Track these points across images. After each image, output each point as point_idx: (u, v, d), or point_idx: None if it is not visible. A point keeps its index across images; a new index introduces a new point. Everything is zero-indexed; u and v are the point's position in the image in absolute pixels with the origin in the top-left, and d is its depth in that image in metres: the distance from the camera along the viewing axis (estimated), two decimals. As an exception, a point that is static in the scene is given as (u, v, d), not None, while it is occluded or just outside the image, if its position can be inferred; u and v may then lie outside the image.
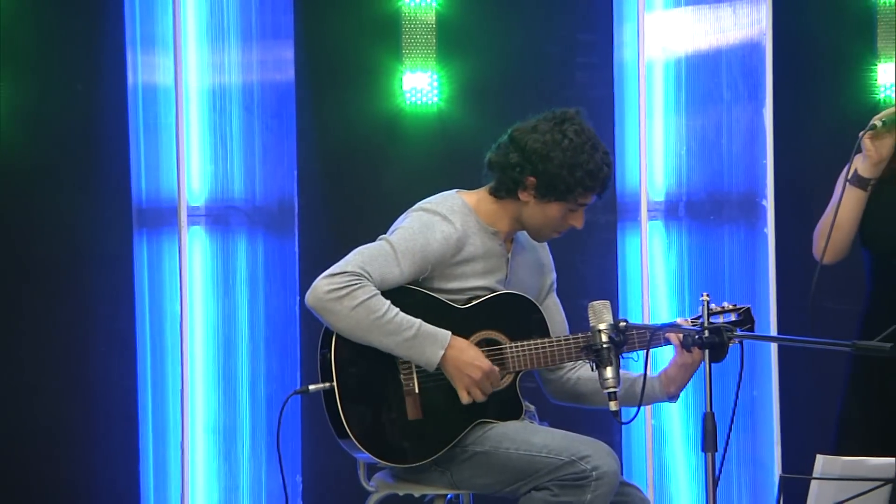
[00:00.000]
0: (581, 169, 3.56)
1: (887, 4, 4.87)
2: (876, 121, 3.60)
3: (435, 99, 4.92)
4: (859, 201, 3.62)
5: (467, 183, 3.79)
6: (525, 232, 3.72)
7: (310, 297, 3.55)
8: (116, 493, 4.69)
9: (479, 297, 3.65)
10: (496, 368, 3.58)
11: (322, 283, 3.53)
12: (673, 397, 3.71)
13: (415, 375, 3.60)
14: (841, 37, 4.94)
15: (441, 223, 3.62)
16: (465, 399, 3.57)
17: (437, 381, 3.60)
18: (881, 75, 4.87)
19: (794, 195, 4.88)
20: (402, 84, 4.91)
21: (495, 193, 3.65)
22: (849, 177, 3.64)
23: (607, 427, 4.43)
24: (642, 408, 3.76)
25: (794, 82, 4.93)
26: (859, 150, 3.66)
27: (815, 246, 3.72)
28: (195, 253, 4.82)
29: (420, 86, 4.91)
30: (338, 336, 3.58)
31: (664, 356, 4.84)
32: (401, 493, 3.69)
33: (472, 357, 3.56)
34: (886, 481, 2.99)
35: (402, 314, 3.54)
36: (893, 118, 3.61)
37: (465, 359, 3.55)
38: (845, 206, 3.62)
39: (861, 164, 3.62)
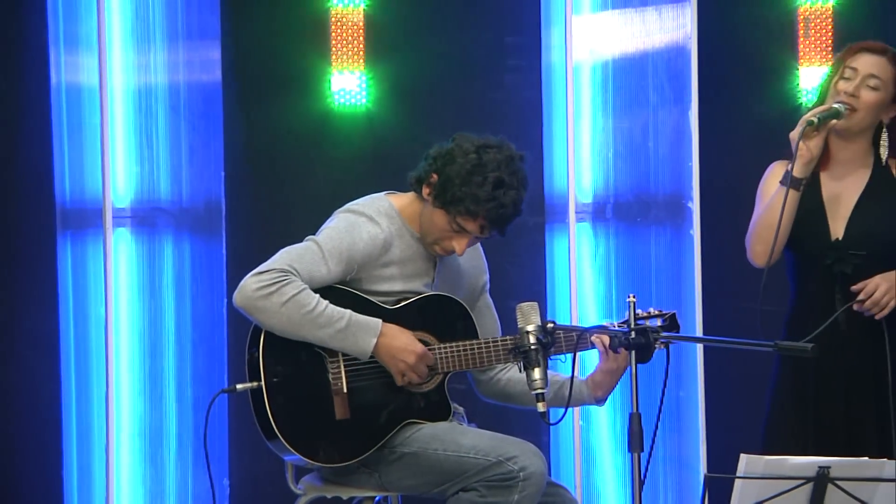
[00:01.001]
0: (469, 187, 3.54)
1: (810, 6, 4.93)
2: (812, 117, 3.62)
3: (363, 101, 4.91)
4: (794, 202, 3.64)
5: (396, 185, 3.79)
6: None
7: (238, 296, 3.53)
8: (39, 498, 4.63)
9: (407, 298, 3.65)
10: (428, 351, 3.58)
11: (250, 282, 3.52)
12: (600, 401, 3.74)
13: (343, 374, 3.59)
14: (764, 41, 5.00)
15: (367, 224, 3.62)
16: (399, 382, 3.57)
17: (366, 380, 3.60)
18: (803, 79, 4.94)
19: (719, 197, 4.93)
20: (331, 85, 4.90)
21: (412, 185, 3.66)
22: (782, 179, 3.67)
23: (535, 428, 4.45)
24: (570, 409, 3.78)
25: (718, 85, 4.98)
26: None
27: (750, 251, 3.73)
28: (121, 255, 4.77)
29: (348, 87, 4.90)
30: (266, 335, 3.56)
31: (593, 357, 4.88)
32: (329, 496, 3.68)
33: (404, 342, 3.56)
34: (808, 479, 3.03)
35: (332, 306, 3.53)
36: (825, 115, 3.64)
37: (397, 344, 3.55)
38: (779, 205, 3.63)
39: (792, 164, 3.64)
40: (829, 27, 4.92)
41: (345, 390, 3.59)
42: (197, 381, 4.82)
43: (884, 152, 3.73)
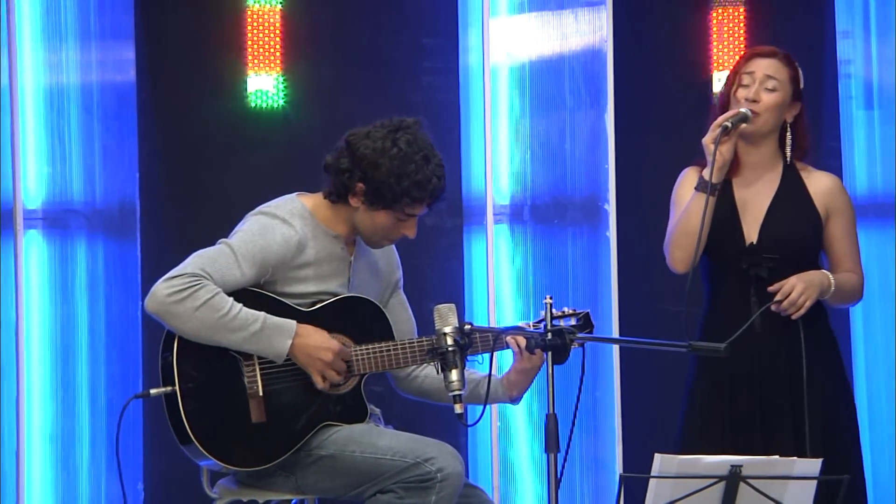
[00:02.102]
0: (408, 179, 3.54)
1: (723, 11, 4.99)
2: (725, 122, 3.66)
3: (280, 102, 4.89)
4: (711, 207, 3.68)
5: (314, 186, 3.77)
6: None
7: (150, 302, 3.50)
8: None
9: (322, 300, 3.64)
10: (345, 348, 3.57)
11: (162, 287, 3.48)
12: (515, 400, 3.76)
13: (259, 377, 3.57)
14: (679, 44, 5.06)
15: (281, 226, 3.60)
16: (320, 384, 3.56)
17: (282, 383, 3.58)
18: (717, 83, 5.00)
19: (635, 199, 4.97)
20: (247, 86, 4.87)
21: (328, 197, 3.64)
22: (697, 185, 3.70)
23: (453, 429, 4.45)
24: (487, 410, 3.79)
25: (634, 88, 5.02)
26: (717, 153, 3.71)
27: (670, 257, 3.76)
28: (32, 257, 4.70)
29: (265, 88, 4.87)
30: (180, 339, 3.53)
31: (509, 355, 4.90)
32: (245, 500, 3.65)
33: (319, 341, 3.54)
34: (720, 478, 3.07)
35: (246, 309, 3.51)
36: (737, 120, 3.68)
37: (313, 344, 3.54)
38: (696, 213, 3.67)
39: (707, 170, 3.68)
40: (742, 32, 4.99)
41: (261, 393, 3.56)
42: (111, 386, 4.76)
43: (788, 151, 3.79)
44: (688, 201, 3.72)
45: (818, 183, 3.81)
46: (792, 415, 3.72)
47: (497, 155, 4.98)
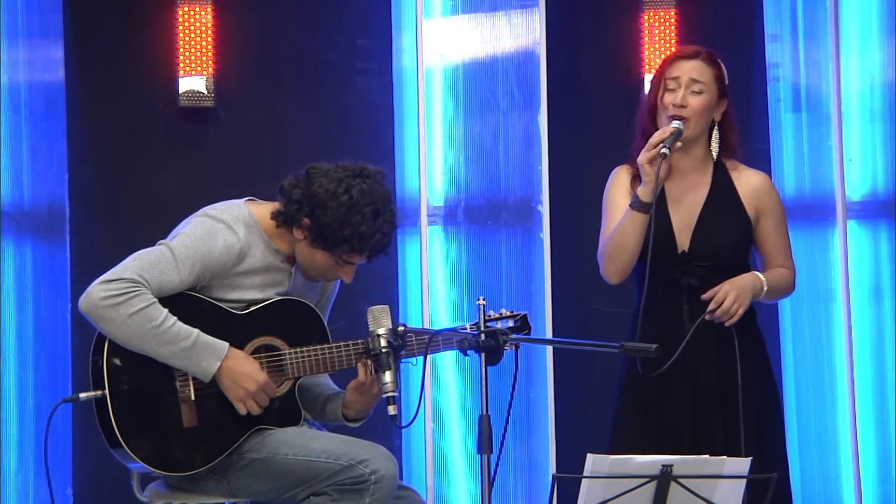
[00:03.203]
0: (351, 228, 3.52)
1: (654, 14, 5.04)
2: (664, 148, 3.65)
3: (212, 102, 4.85)
4: (643, 224, 3.69)
5: (246, 188, 3.75)
6: None
7: (84, 302, 3.46)
8: None
9: (257, 303, 3.61)
10: (271, 382, 3.55)
11: (97, 289, 3.45)
12: (351, 420, 3.70)
13: (191, 382, 3.54)
14: (611, 47, 5.09)
15: (224, 231, 3.57)
16: (241, 410, 3.54)
17: (214, 387, 3.55)
18: (647, 85, 5.03)
19: (568, 200, 5.00)
20: (179, 86, 4.83)
21: (275, 218, 3.61)
22: (631, 202, 3.71)
23: (387, 431, 4.44)
24: (421, 412, 3.79)
25: (567, 90, 5.05)
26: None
27: (604, 269, 3.78)
28: (-42, 259, 4.64)
29: (197, 88, 4.84)
30: (111, 342, 3.49)
31: (445, 359, 4.90)
32: (176, 504, 3.63)
33: (248, 370, 3.52)
34: (651, 478, 3.09)
35: (180, 324, 3.48)
36: (672, 140, 3.68)
37: (241, 371, 3.51)
38: (630, 230, 3.69)
39: (641, 189, 3.68)
40: (672, 34, 5.04)
41: (192, 398, 3.54)
42: (39, 389, 4.70)
43: (715, 149, 3.82)
44: (622, 216, 3.72)
45: (747, 183, 3.84)
46: (722, 415, 3.74)
47: (431, 156, 4.98)
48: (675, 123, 3.70)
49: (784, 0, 5.06)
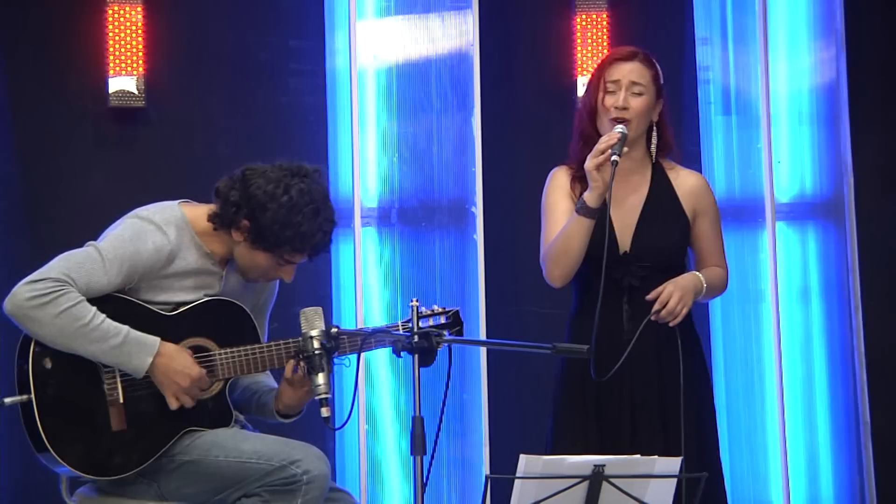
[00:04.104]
0: (292, 229, 3.51)
1: (587, 16, 5.07)
2: (614, 156, 3.64)
3: (143, 103, 4.81)
4: (589, 229, 3.70)
5: (175, 189, 3.72)
6: None
7: (8, 303, 3.42)
8: None
9: (186, 304, 3.59)
10: (205, 374, 3.53)
11: (23, 290, 3.41)
12: (283, 415, 3.69)
13: (119, 385, 3.51)
14: (544, 48, 5.12)
15: (154, 233, 3.54)
16: (173, 405, 3.51)
17: (143, 389, 3.52)
18: (581, 87, 5.06)
19: (501, 202, 5.01)
20: (109, 86, 4.78)
21: (212, 221, 3.59)
22: (578, 208, 3.71)
23: (320, 433, 4.43)
24: (354, 413, 3.78)
25: (500, 92, 5.06)
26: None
27: (548, 274, 3.77)
28: None
29: (127, 88, 4.79)
30: (36, 345, 3.45)
31: (378, 359, 4.89)
32: (105, 508, 3.59)
33: (181, 364, 3.50)
34: (583, 478, 3.11)
35: (109, 321, 3.45)
36: (620, 146, 3.69)
37: (174, 366, 3.49)
38: (576, 234, 3.69)
39: (588, 195, 3.68)
40: (605, 37, 5.07)
41: (121, 401, 3.51)
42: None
43: (653, 150, 3.85)
44: (568, 221, 3.72)
45: (685, 183, 3.87)
46: (662, 415, 3.77)
47: (364, 158, 4.97)
48: (620, 128, 3.71)
49: (714, 4, 5.11)
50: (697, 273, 3.80)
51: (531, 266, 3.88)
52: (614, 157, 3.63)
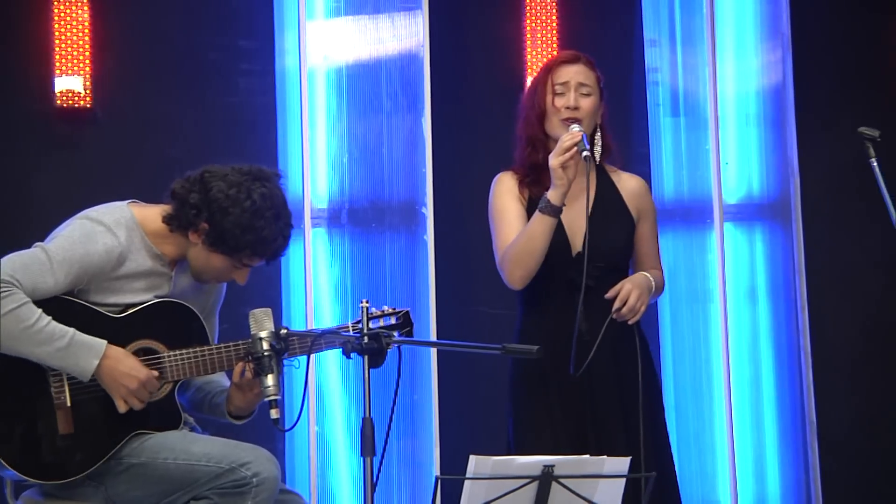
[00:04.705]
0: (254, 234, 3.50)
1: (536, 18, 5.09)
2: (585, 152, 3.66)
3: (89, 103, 4.77)
4: (552, 228, 3.72)
5: (123, 190, 3.69)
6: None
7: (-48, 305, 3.38)
8: None
9: (135, 306, 3.56)
10: (154, 375, 3.51)
11: (-33, 291, 3.37)
12: (235, 417, 3.69)
13: (66, 387, 3.48)
14: (494, 50, 5.13)
15: (104, 234, 3.51)
16: (121, 408, 3.48)
17: (91, 392, 3.49)
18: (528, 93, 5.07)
19: (452, 203, 5.02)
20: (54, 85, 4.74)
21: (168, 222, 3.57)
22: (542, 207, 3.72)
23: (270, 434, 4.42)
24: (304, 414, 3.77)
25: (451, 92, 5.07)
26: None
27: (509, 275, 3.76)
28: None
29: (73, 88, 4.75)
30: (-19, 348, 3.41)
31: (328, 362, 4.88)
32: (52, 511, 3.55)
33: (128, 367, 3.47)
34: (533, 478, 3.12)
35: (55, 323, 3.42)
36: (584, 142, 3.71)
37: (121, 369, 3.46)
38: (540, 234, 3.71)
39: (553, 193, 3.70)
40: (554, 39, 5.09)
41: (68, 404, 3.48)
42: None
43: (598, 152, 3.87)
44: (531, 221, 3.72)
45: (628, 185, 3.91)
46: (622, 416, 3.78)
47: (314, 159, 4.96)
48: (577, 127, 3.74)
49: (662, 6, 5.15)
50: (646, 273, 3.83)
51: (482, 266, 3.89)
52: (585, 153, 3.67)
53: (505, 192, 3.84)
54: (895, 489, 5.17)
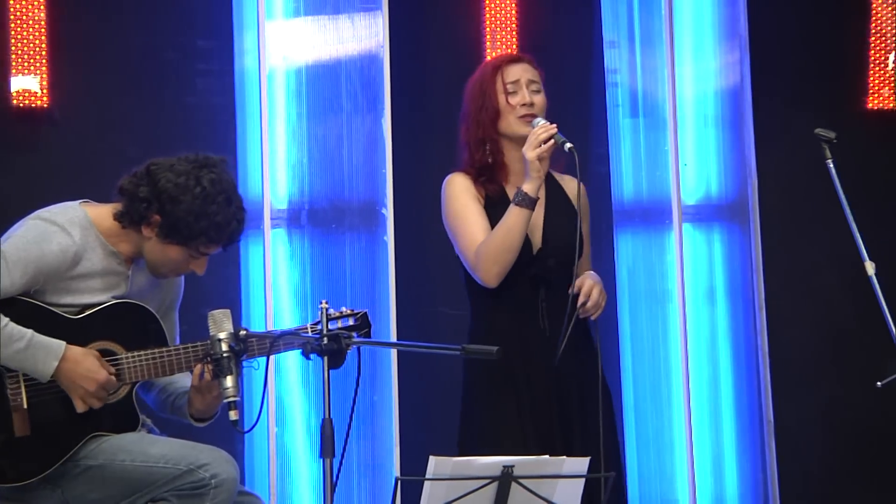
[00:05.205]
0: (207, 219, 3.50)
1: (495, 18, 5.10)
2: (568, 144, 3.69)
3: (46, 103, 4.73)
4: (528, 221, 3.73)
5: (87, 190, 3.67)
6: None
7: None
8: None
9: (92, 307, 3.54)
10: (113, 375, 3.49)
11: (-79, 294, 3.34)
12: (196, 419, 3.68)
13: (23, 390, 3.46)
14: (454, 50, 5.13)
15: (59, 234, 3.49)
16: (80, 408, 3.46)
17: (47, 394, 3.47)
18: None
19: (412, 204, 5.02)
20: (11, 85, 4.70)
21: (119, 219, 3.55)
22: (518, 200, 3.73)
23: (229, 436, 4.40)
24: (264, 415, 3.75)
25: (411, 93, 5.07)
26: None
27: (486, 273, 3.75)
28: None
29: (30, 88, 4.71)
30: (-64, 350, 3.38)
31: (288, 363, 4.87)
32: (7, 515, 3.52)
33: (87, 369, 3.45)
34: (493, 479, 3.12)
35: (13, 325, 3.40)
36: (560, 136, 3.73)
37: (80, 371, 3.44)
38: (517, 227, 3.71)
39: (529, 185, 3.71)
40: (514, 40, 5.10)
41: (25, 406, 3.45)
42: None
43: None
44: (506, 216, 3.72)
45: (570, 186, 3.94)
46: (581, 414, 3.80)
47: (274, 159, 4.95)
48: (542, 120, 3.76)
49: (621, 7, 5.17)
50: (593, 272, 3.86)
51: (442, 267, 3.89)
52: (569, 145, 3.69)
53: (463, 190, 3.84)
54: (851, 487, 5.22)
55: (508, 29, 5.09)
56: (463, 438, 3.84)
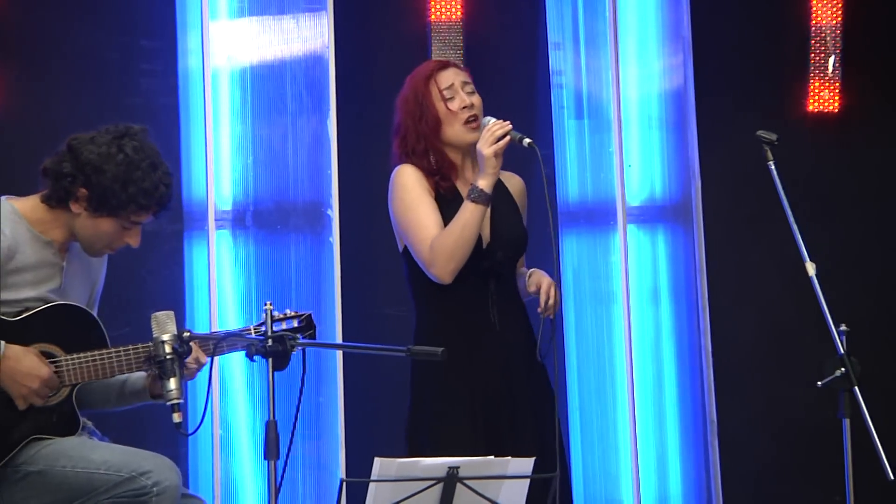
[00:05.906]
0: (135, 185, 3.48)
1: (441, 21, 5.10)
2: (527, 139, 3.71)
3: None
4: (483, 216, 3.74)
5: (20, 191, 3.63)
6: None
7: None
8: None
9: (30, 308, 3.50)
10: (55, 376, 3.45)
11: None
12: (156, 397, 3.64)
13: (-39, 393, 3.41)
14: (398, 51, 5.13)
15: (-11, 232, 3.45)
16: (21, 406, 3.42)
17: (-15, 397, 3.43)
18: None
19: (358, 205, 5.01)
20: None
21: (47, 202, 3.53)
22: (473, 196, 3.73)
23: (173, 439, 4.37)
24: (208, 418, 3.73)
25: (356, 93, 5.06)
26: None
27: (442, 270, 3.73)
28: None
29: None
30: None
31: (232, 365, 4.85)
32: (-57, 522, 3.48)
33: (28, 367, 3.42)
34: (438, 480, 3.12)
35: (-49, 325, 3.35)
36: (516, 132, 3.74)
37: (21, 368, 3.41)
38: (473, 224, 3.72)
39: (484, 181, 3.72)
40: (460, 41, 5.10)
41: (-38, 408, 3.41)
42: None
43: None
44: (461, 212, 3.72)
45: (512, 183, 3.96)
46: (533, 412, 3.80)
47: (218, 160, 4.92)
48: (492, 119, 3.77)
49: (566, 9, 5.19)
50: (537, 269, 3.88)
51: (387, 268, 3.89)
52: (528, 140, 3.71)
53: (415, 183, 3.82)
54: (793, 487, 5.27)
55: (454, 29, 5.09)
56: (412, 438, 3.83)
